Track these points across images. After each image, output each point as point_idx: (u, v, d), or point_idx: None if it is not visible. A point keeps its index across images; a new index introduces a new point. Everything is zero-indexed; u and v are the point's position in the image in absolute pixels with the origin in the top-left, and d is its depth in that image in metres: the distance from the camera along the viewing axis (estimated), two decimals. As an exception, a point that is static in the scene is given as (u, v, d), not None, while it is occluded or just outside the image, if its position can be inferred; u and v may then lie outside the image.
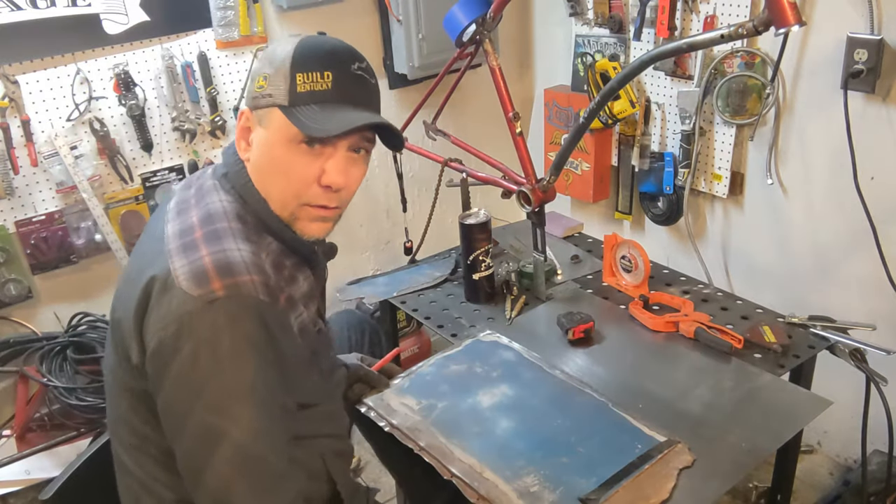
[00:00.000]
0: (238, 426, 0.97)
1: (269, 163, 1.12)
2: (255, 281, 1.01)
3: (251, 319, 0.99)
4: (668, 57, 1.96)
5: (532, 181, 1.73)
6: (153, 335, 0.99)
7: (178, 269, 1.00)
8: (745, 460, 1.27)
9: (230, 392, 0.98)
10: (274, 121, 1.09)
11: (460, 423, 1.38)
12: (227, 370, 0.98)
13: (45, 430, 1.90)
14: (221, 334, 0.97)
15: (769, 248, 2.18)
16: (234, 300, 0.98)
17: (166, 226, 1.09)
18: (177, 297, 0.98)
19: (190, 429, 0.99)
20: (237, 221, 1.09)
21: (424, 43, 2.34)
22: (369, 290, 1.91)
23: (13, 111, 1.85)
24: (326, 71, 1.08)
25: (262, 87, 1.09)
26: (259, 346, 1.00)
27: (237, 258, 1.02)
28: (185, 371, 0.97)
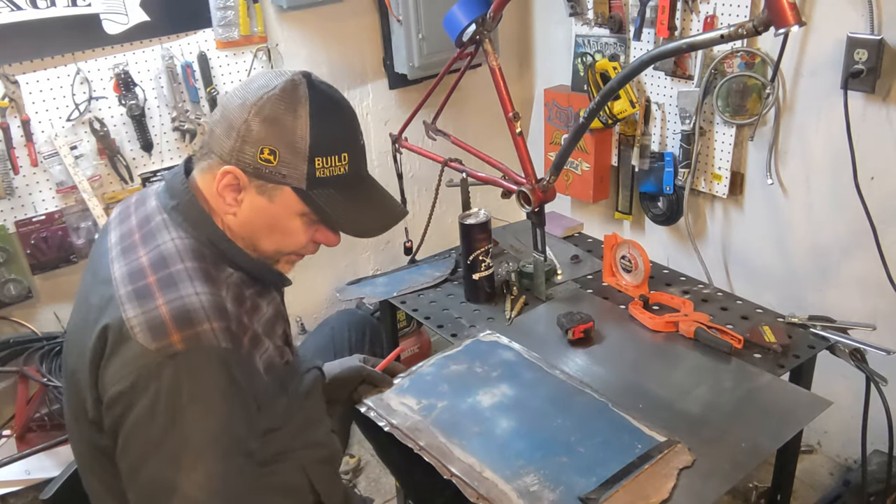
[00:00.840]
0: (192, 482, 0.93)
1: (266, 227, 1.09)
2: (216, 328, 0.97)
3: (213, 370, 0.96)
4: (668, 57, 1.96)
5: (532, 181, 1.73)
6: (109, 387, 0.95)
7: (133, 320, 0.95)
8: (745, 460, 1.27)
9: (189, 447, 0.94)
10: (284, 198, 1.06)
11: (460, 422, 1.38)
12: (186, 423, 0.93)
13: (45, 430, 1.90)
14: (181, 388, 0.93)
15: (769, 248, 2.18)
16: (194, 353, 0.94)
17: (111, 266, 1.04)
18: (132, 350, 0.94)
19: (140, 481, 0.95)
20: (192, 260, 1.03)
21: (424, 43, 2.34)
22: (369, 290, 1.91)
23: (13, 111, 1.85)
24: (344, 153, 1.06)
25: (270, 163, 1.02)
26: (224, 395, 0.96)
27: (195, 304, 0.97)
28: (140, 424, 0.93)
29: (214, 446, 0.95)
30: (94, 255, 1.14)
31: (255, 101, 1.02)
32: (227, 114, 1.04)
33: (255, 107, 1.02)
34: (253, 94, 1.03)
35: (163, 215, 1.08)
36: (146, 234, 1.06)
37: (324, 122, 1.04)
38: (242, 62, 2.17)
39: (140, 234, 1.07)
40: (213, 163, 1.06)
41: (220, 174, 1.04)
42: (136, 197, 1.17)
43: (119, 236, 1.09)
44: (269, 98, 1.02)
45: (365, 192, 1.12)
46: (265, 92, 1.03)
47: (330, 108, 1.06)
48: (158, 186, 1.15)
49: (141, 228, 1.08)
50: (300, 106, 1.03)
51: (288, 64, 2.27)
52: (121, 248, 1.06)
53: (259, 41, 2.18)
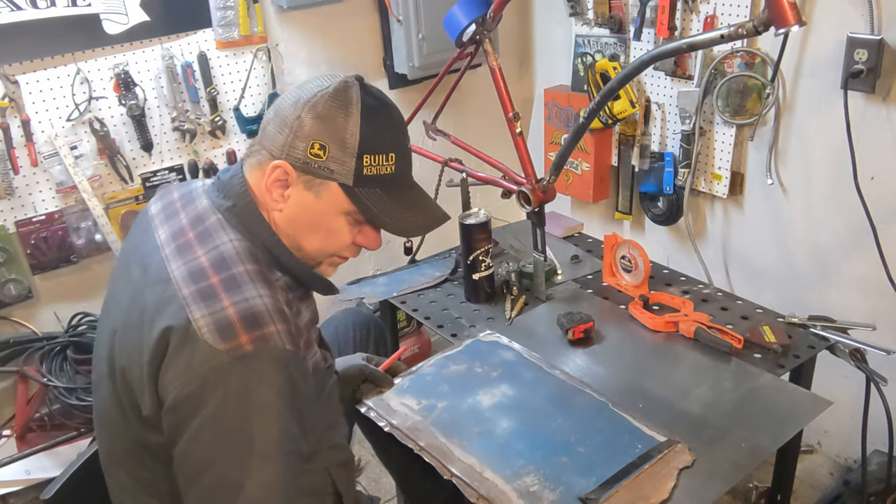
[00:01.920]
0: (258, 483, 0.94)
1: (310, 224, 1.11)
2: (280, 330, 0.98)
3: (279, 373, 0.97)
4: (668, 57, 1.96)
5: (532, 181, 1.73)
6: (172, 388, 0.95)
7: (201, 321, 0.95)
8: (745, 460, 1.27)
9: (255, 448, 0.95)
10: (330, 194, 1.08)
11: (460, 423, 1.38)
12: (254, 426, 0.95)
13: (45, 430, 1.91)
14: (250, 390, 0.94)
15: (769, 248, 2.18)
16: (262, 354, 0.95)
17: (168, 265, 1.04)
18: (201, 351, 0.94)
19: (206, 482, 0.96)
20: (251, 262, 1.04)
21: (424, 43, 2.34)
22: (369, 290, 1.91)
23: (13, 111, 1.85)
24: (391, 153, 1.08)
25: (320, 158, 1.05)
26: (286, 398, 0.98)
27: (261, 307, 0.98)
28: (207, 427, 0.94)
29: (277, 448, 0.97)
30: (137, 250, 1.12)
31: (309, 99, 1.05)
32: (281, 111, 1.07)
33: (309, 104, 1.05)
34: (307, 92, 1.06)
35: (217, 215, 1.09)
36: (202, 234, 1.07)
37: (373, 122, 1.07)
38: (242, 62, 2.18)
39: (194, 233, 1.07)
40: (264, 158, 1.09)
41: (269, 168, 1.06)
42: (179, 193, 1.17)
43: (170, 234, 1.09)
44: (323, 96, 1.05)
45: (409, 194, 1.15)
46: (319, 91, 1.06)
47: (380, 110, 1.09)
48: (205, 183, 1.16)
49: (194, 227, 1.08)
50: (352, 105, 1.05)
51: (288, 64, 2.27)
52: (175, 246, 1.06)
53: (259, 41, 2.18)
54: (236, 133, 2.21)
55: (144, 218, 1.17)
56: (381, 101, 1.10)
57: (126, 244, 1.20)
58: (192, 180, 1.22)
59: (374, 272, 2.46)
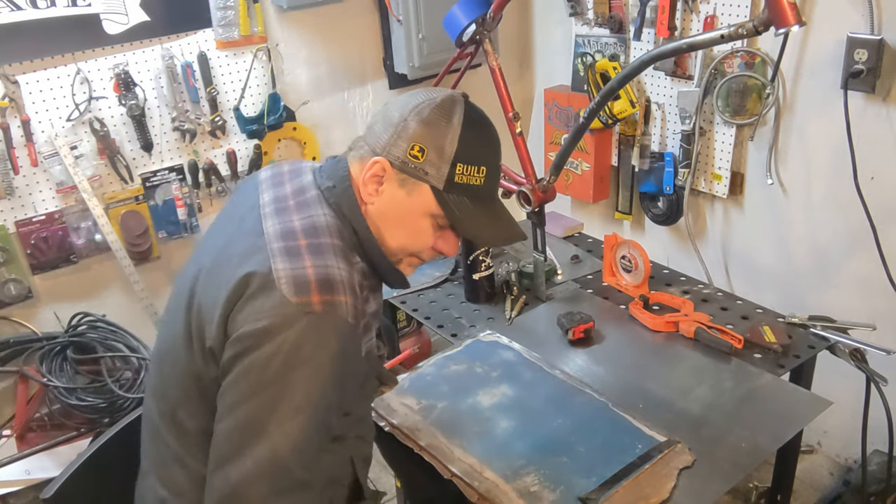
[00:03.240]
0: (282, 433, 0.99)
1: (397, 221, 1.17)
2: (348, 302, 1.04)
3: (336, 339, 1.02)
4: (668, 57, 1.96)
5: (532, 181, 1.73)
6: (241, 325, 1.01)
7: (281, 272, 1.02)
8: (745, 460, 1.27)
9: (289, 400, 1.00)
10: (421, 194, 1.14)
11: (460, 422, 1.38)
12: (296, 380, 1.00)
13: (45, 430, 1.90)
14: (305, 344, 1.00)
15: (769, 248, 2.18)
16: (327, 317, 1.01)
17: (264, 221, 1.12)
18: (274, 298, 1.01)
19: (238, 415, 1.01)
20: (338, 238, 1.11)
21: (424, 43, 2.34)
22: (369, 290, 1.91)
23: (13, 111, 1.85)
24: (483, 166, 1.15)
25: (417, 159, 1.12)
26: (334, 365, 1.03)
27: (337, 276, 1.05)
28: (257, 365, 1.00)
29: (311, 407, 1.02)
30: (239, 206, 1.21)
31: (417, 105, 1.14)
32: (388, 114, 1.16)
33: (416, 109, 1.13)
34: (416, 100, 1.15)
35: (317, 191, 1.17)
36: (301, 203, 1.15)
37: (472, 135, 1.14)
38: (242, 62, 2.17)
39: (295, 201, 1.16)
40: (365, 154, 1.16)
41: (370, 163, 1.14)
42: (289, 167, 1.25)
43: (273, 197, 1.17)
44: (430, 104, 1.14)
45: (492, 208, 1.21)
46: (427, 99, 1.14)
47: (480, 126, 1.16)
48: (313, 164, 1.25)
49: (296, 196, 1.16)
50: (455, 117, 1.13)
51: (288, 64, 2.27)
52: (274, 207, 1.14)
53: (259, 41, 2.18)
54: (236, 133, 2.21)
55: (252, 181, 1.25)
56: (481, 118, 1.18)
57: (229, 202, 1.30)
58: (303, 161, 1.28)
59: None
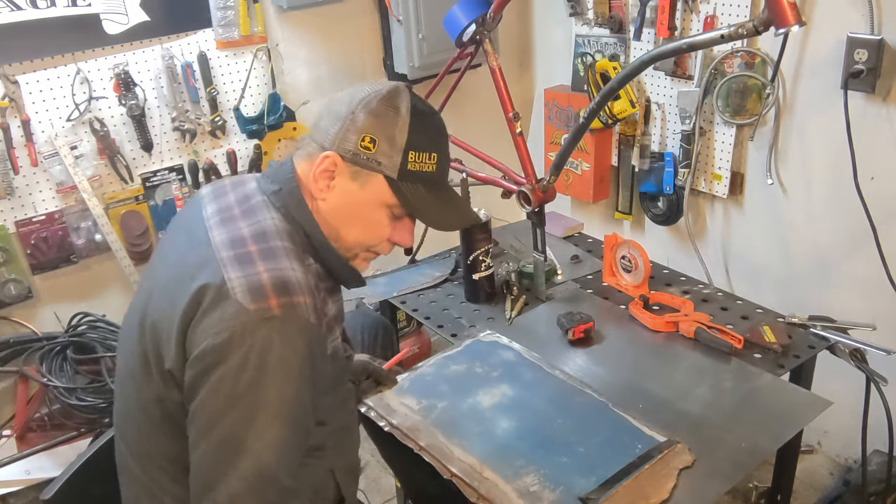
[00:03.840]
0: (263, 443, 0.98)
1: (352, 214, 1.16)
2: (307, 303, 1.03)
3: (301, 340, 1.01)
4: (668, 57, 1.96)
5: (532, 181, 1.73)
6: (200, 341, 0.99)
7: (234, 281, 1.01)
8: (745, 460, 1.27)
9: (265, 408, 0.99)
10: (375, 185, 1.14)
11: (460, 422, 1.38)
12: (269, 386, 0.99)
13: (45, 430, 1.90)
14: (271, 350, 0.98)
15: (769, 248, 2.18)
16: (288, 319, 1.00)
17: (210, 232, 1.10)
18: (231, 308, 0.99)
19: (214, 436, 0.99)
20: (288, 241, 1.10)
21: (424, 43, 2.34)
22: (369, 290, 1.91)
23: (13, 111, 1.85)
24: (434, 153, 1.16)
25: (369, 150, 1.12)
26: (303, 367, 1.02)
27: (293, 278, 1.03)
28: (227, 380, 0.98)
29: (287, 411, 1.01)
30: (184, 223, 1.20)
31: (363, 98, 1.14)
32: (334, 108, 1.15)
33: (363, 102, 1.13)
34: (361, 93, 1.14)
35: (263, 197, 1.16)
36: (246, 210, 1.14)
37: (421, 123, 1.15)
38: (242, 62, 2.17)
39: (240, 209, 1.15)
40: (314, 150, 1.16)
41: (319, 159, 1.13)
42: (231, 180, 1.25)
43: (217, 209, 1.16)
44: (377, 96, 1.14)
45: (446, 194, 1.22)
46: (373, 91, 1.14)
47: (427, 114, 1.17)
48: (255, 174, 1.24)
49: (241, 205, 1.16)
50: (402, 106, 1.14)
51: (288, 64, 2.27)
52: (220, 218, 1.13)
53: (259, 41, 2.18)
54: (236, 133, 2.21)
55: (196, 197, 1.24)
56: (427, 106, 1.19)
57: (175, 219, 1.29)
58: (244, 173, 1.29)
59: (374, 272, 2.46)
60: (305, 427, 1.07)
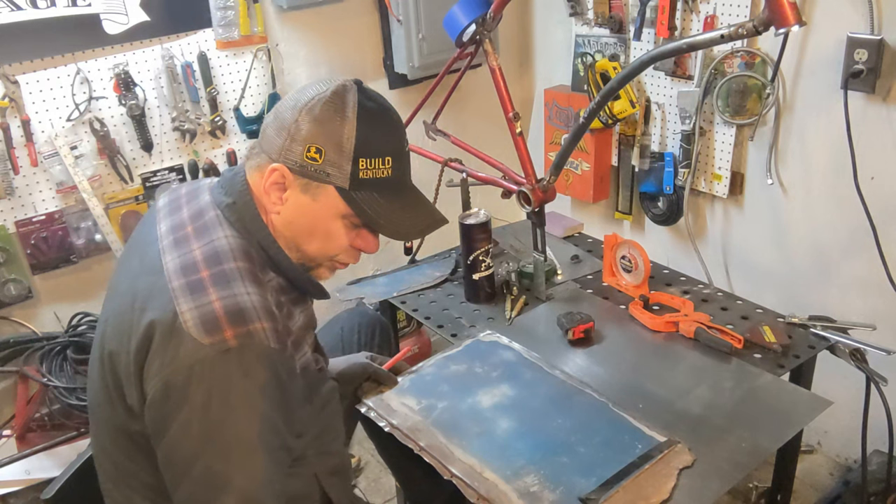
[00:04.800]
0: (244, 475, 0.96)
1: (307, 227, 1.12)
2: (266, 328, 0.99)
3: (263, 368, 0.98)
4: (668, 57, 1.96)
5: (532, 181, 1.73)
6: (156, 381, 0.96)
7: (187, 314, 0.97)
8: (745, 460, 1.27)
9: (240, 441, 0.96)
10: (327, 197, 1.09)
11: (460, 423, 1.38)
12: (239, 419, 0.96)
13: (45, 430, 1.90)
14: (233, 384, 0.96)
15: (769, 248, 2.18)
16: (246, 350, 0.97)
17: (163, 256, 1.05)
18: (185, 345, 0.95)
19: (195, 475, 0.96)
20: (244, 260, 1.06)
21: (424, 43, 2.34)
22: (369, 290, 1.91)
23: (13, 111, 1.85)
24: (387, 156, 1.09)
25: (316, 161, 1.06)
26: (270, 393, 0.99)
27: (248, 304, 1.00)
28: (195, 418, 0.95)
29: (261, 441, 0.98)
30: (139, 241, 1.15)
31: (307, 103, 1.07)
32: (280, 115, 1.09)
33: (307, 108, 1.06)
34: (305, 96, 1.08)
35: (217, 211, 1.11)
36: (199, 228, 1.09)
37: (370, 125, 1.08)
38: (242, 62, 2.17)
39: (193, 227, 1.09)
40: (262, 161, 1.10)
41: (268, 171, 1.08)
42: (186, 189, 1.19)
43: (170, 227, 1.11)
44: (320, 100, 1.07)
45: (407, 198, 1.16)
46: (316, 94, 1.07)
47: (377, 114, 1.10)
48: (212, 181, 1.18)
49: (194, 221, 1.10)
50: (349, 108, 1.07)
51: (288, 64, 2.27)
52: (173, 238, 1.08)
53: (259, 41, 2.18)
54: (236, 133, 2.21)
55: (152, 210, 1.19)
56: (378, 105, 1.11)
57: (132, 235, 1.23)
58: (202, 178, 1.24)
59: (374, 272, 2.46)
60: (285, 447, 1.05)
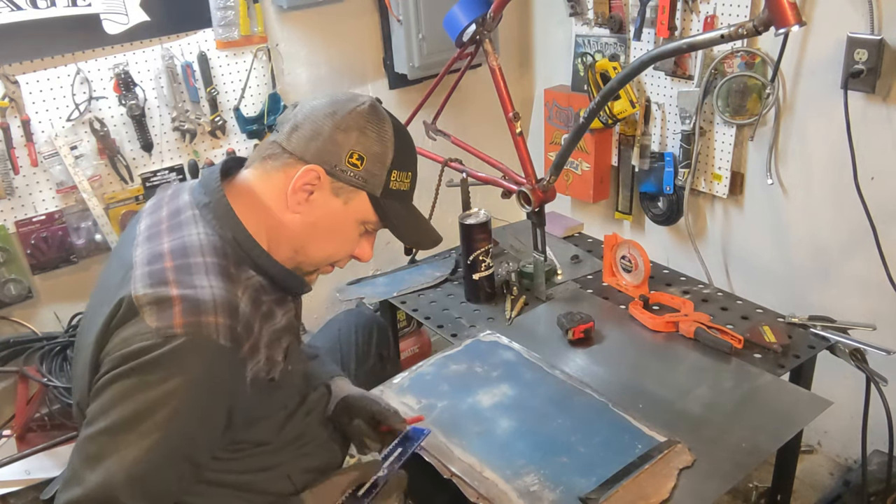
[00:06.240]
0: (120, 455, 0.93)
1: (329, 229, 1.15)
2: (220, 324, 0.98)
3: (201, 365, 0.97)
4: (668, 57, 1.96)
5: (532, 181, 1.73)
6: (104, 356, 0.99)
7: (143, 298, 0.98)
8: (745, 460, 1.27)
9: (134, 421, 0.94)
10: (358, 202, 1.14)
11: (460, 422, 1.38)
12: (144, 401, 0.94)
13: (45, 430, 1.90)
14: (156, 371, 0.95)
15: (769, 248, 2.18)
16: (190, 340, 0.96)
17: (134, 250, 1.07)
18: (136, 325, 0.97)
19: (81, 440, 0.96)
20: (213, 256, 1.06)
21: (424, 43, 2.34)
22: (369, 290, 1.91)
23: (13, 111, 1.85)
24: (410, 171, 1.18)
25: (356, 167, 1.11)
26: (194, 393, 0.97)
27: (206, 296, 0.99)
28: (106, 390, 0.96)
29: (160, 436, 0.95)
30: (121, 242, 1.18)
31: (348, 113, 1.12)
32: (314, 120, 1.12)
33: (349, 117, 1.12)
34: (342, 106, 1.13)
35: (194, 210, 1.12)
36: (174, 225, 1.11)
37: (401, 141, 1.16)
38: (242, 62, 2.17)
39: (168, 224, 1.11)
40: (289, 161, 1.12)
41: (303, 171, 1.10)
42: (172, 190, 1.21)
43: (148, 225, 1.13)
44: (360, 112, 1.13)
45: (414, 211, 1.24)
46: (354, 106, 1.13)
47: (403, 131, 1.18)
48: (194, 182, 1.19)
49: (170, 219, 1.12)
50: (386, 123, 1.14)
51: (288, 64, 2.27)
52: (147, 234, 1.11)
53: (259, 41, 2.18)
54: (236, 133, 2.21)
55: (140, 211, 1.21)
56: (401, 123, 1.19)
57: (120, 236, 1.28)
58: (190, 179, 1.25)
59: (374, 272, 2.46)
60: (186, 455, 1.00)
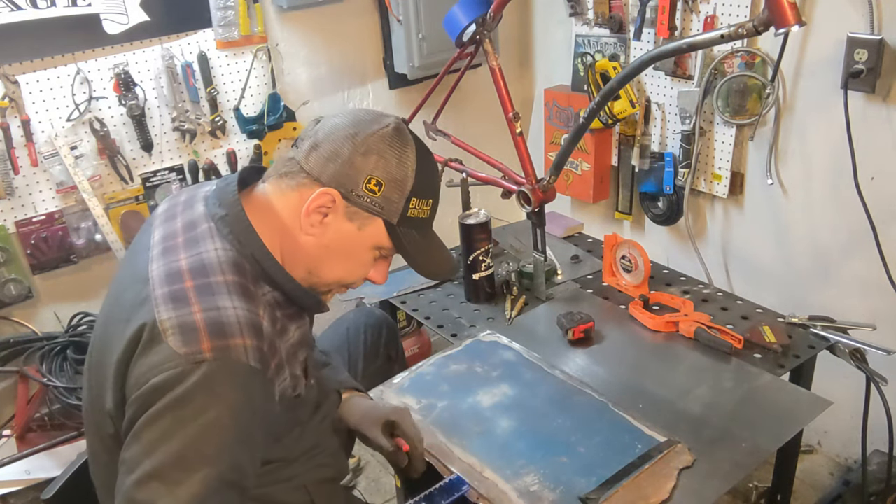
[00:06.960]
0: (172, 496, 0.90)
1: (342, 253, 1.12)
2: (248, 345, 0.96)
3: (235, 389, 0.94)
4: (668, 57, 1.96)
5: (532, 181, 1.73)
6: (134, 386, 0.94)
7: (166, 322, 0.95)
8: (745, 460, 1.27)
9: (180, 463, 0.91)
10: (373, 228, 1.10)
11: (460, 422, 1.38)
12: (188, 435, 0.91)
13: (45, 430, 1.90)
14: (193, 401, 0.92)
15: (769, 248, 2.18)
16: (220, 365, 0.93)
17: (150, 265, 1.04)
18: (162, 352, 0.93)
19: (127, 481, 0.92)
20: (233, 273, 1.02)
21: (424, 43, 2.34)
22: (369, 290, 1.91)
23: (13, 111, 1.85)
24: (431, 198, 1.13)
25: (374, 194, 1.07)
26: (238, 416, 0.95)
27: (231, 318, 0.97)
28: (147, 425, 0.92)
29: (208, 468, 0.93)
30: (134, 248, 1.14)
31: (369, 135, 1.07)
32: (334, 140, 1.08)
33: (370, 139, 1.07)
34: (364, 127, 1.08)
35: (209, 223, 1.08)
36: (190, 240, 1.06)
37: (424, 167, 1.11)
38: (242, 62, 2.17)
39: (184, 237, 1.07)
40: (304, 182, 1.08)
41: (317, 194, 1.06)
42: (185, 197, 1.17)
43: (162, 236, 1.09)
44: (383, 135, 1.08)
45: (433, 239, 1.19)
46: (377, 128, 1.08)
47: (427, 156, 1.13)
48: (208, 190, 1.15)
49: (186, 232, 1.08)
50: (409, 148, 1.09)
51: (288, 64, 2.27)
52: (162, 247, 1.06)
53: (259, 41, 2.18)
54: (236, 133, 2.21)
55: (151, 216, 1.18)
56: (425, 147, 1.14)
57: (132, 242, 1.22)
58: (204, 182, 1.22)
59: (374, 272, 2.47)
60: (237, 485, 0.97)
